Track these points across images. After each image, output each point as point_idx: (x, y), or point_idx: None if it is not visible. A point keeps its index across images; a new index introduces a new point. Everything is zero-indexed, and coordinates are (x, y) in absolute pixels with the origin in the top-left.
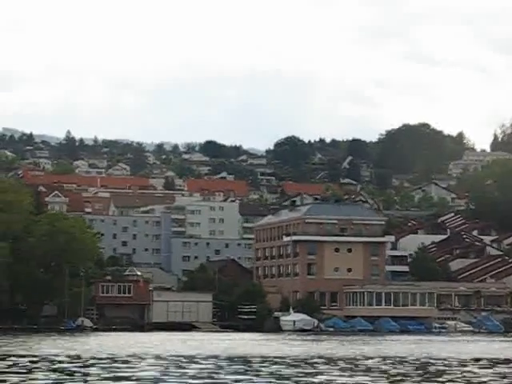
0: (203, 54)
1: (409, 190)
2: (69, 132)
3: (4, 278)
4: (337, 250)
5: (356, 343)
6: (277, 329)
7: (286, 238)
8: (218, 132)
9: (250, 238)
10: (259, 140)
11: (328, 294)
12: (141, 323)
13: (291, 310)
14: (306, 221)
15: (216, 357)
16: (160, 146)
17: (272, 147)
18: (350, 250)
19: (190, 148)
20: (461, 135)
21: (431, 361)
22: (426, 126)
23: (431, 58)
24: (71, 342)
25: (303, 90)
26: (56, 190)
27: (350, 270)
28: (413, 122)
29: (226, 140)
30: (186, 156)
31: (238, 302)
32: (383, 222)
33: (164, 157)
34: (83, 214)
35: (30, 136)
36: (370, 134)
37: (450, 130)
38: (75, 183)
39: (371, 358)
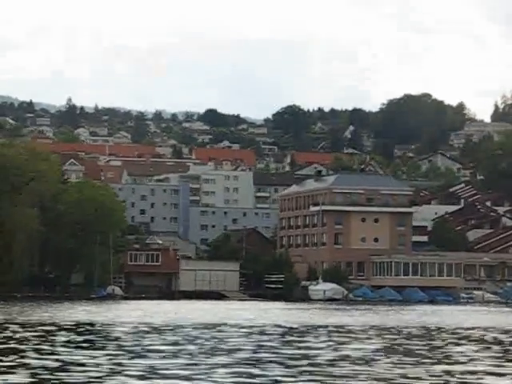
0: (196, 21)
1: (415, 161)
2: (70, 100)
3: (34, 247)
4: (363, 220)
5: (401, 313)
6: (305, 298)
7: (312, 208)
8: (212, 100)
9: (263, 208)
10: (255, 109)
11: (355, 263)
12: (168, 292)
13: (320, 279)
14: (334, 191)
15: (280, 326)
16: (158, 115)
17: (270, 116)
18: (376, 220)
19: (189, 116)
20: (461, 105)
21: None
22: (427, 96)
23: (429, 27)
24: (112, 309)
25: (297, 59)
26: (72, 158)
27: (376, 240)
28: (414, 92)
29: (222, 109)
30: (186, 124)
31: (265, 271)
32: (410, 193)
33: (164, 125)
34: (99, 182)
35: (30, 103)
36: (368, 103)
37: (450, 100)
38: (83, 151)
39: (463, 329)
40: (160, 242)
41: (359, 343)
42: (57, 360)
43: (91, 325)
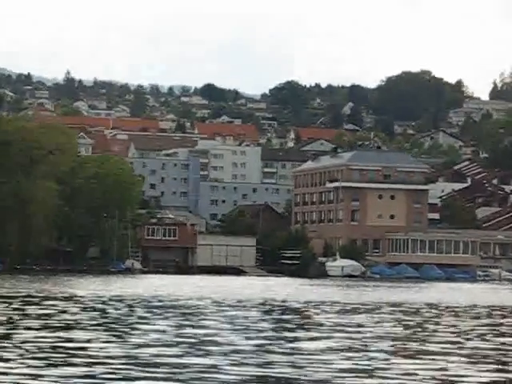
0: None
1: (417, 138)
2: (68, 73)
3: (52, 220)
4: (380, 196)
5: (423, 291)
6: (322, 274)
7: (329, 184)
8: (207, 74)
9: (272, 183)
10: (251, 84)
11: (370, 240)
12: (184, 266)
13: (338, 255)
14: (350, 167)
15: (310, 302)
16: (155, 88)
17: (267, 91)
18: (393, 197)
19: (185, 91)
20: (460, 83)
21: None
22: (426, 73)
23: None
24: (136, 282)
25: (293, 34)
26: (81, 132)
27: (392, 217)
28: (414, 68)
29: (217, 83)
30: (184, 99)
31: (281, 246)
32: (426, 170)
33: (163, 99)
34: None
35: (28, 76)
36: (365, 80)
37: (448, 77)
38: (88, 125)
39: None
40: (171, 216)
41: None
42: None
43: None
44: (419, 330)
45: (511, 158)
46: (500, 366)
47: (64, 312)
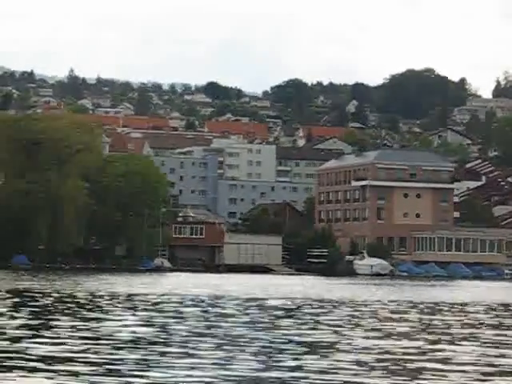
0: None
1: (425, 136)
2: (72, 70)
3: (81, 219)
4: (406, 195)
5: (459, 289)
6: (349, 273)
7: (355, 183)
8: (205, 73)
9: (287, 181)
10: (250, 82)
11: (397, 238)
12: (211, 265)
13: (365, 254)
14: (377, 166)
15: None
16: (156, 87)
17: (268, 89)
18: (418, 196)
19: (187, 89)
20: (463, 81)
21: None
22: (430, 71)
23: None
24: (176, 281)
25: (292, 32)
26: None
27: (418, 216)
28: (417, 66)
29: (216, 80)
30: (187, 97)
31: (307, 245)
32: (452, 169)
33: (166, 97)
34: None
35: (31, 73)
36: (367, 77)
37: (451, 75)
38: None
39: None
40: (193, 214)
41: None
42: None
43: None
44: None
45: None
46: None
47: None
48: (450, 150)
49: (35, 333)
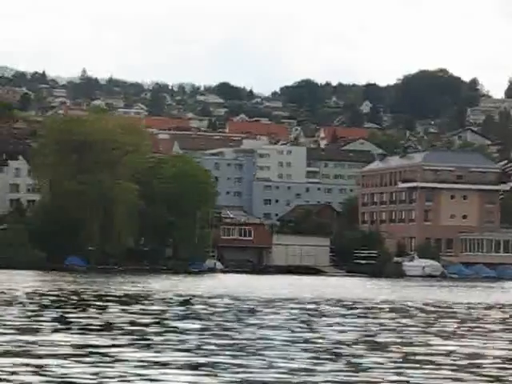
0: None
1: (446, 136)
2: (84, 71)
3: (133, 220)
4: (452, 197)
5: None
6: (398, 274)
7: (402, 184)
8: (209, 73)
9: (320, 183)
10: (259, 82)
11: (443, 240)
12: (259, 266)
13: (415, 255)
14: (424, 168)
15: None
16: (165, 86)
17: (276, 89)
18: (465, 198)
19: (194, 89)
20: (475, 81)
21: None
22: (443, 71)
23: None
24: (238, 282)
25: (300, 32)
26: None
27: (465, 217)
28: (429, 67)
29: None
30: (200, 97)
31: (354, 246)
32: (498, 170)
33: (178, 98)
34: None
35: (43, 74)
36: (378, 78)
37: (464, 75)
38: None
39: None
40: (232, 216)
41: None
42: None
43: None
44: None
45: None
46: None
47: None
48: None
49: None
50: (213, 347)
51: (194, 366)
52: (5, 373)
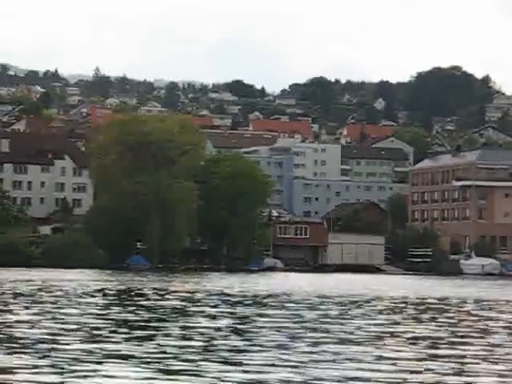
0: None
1: (467, 133)
2: (97, 69)
3: (192, 219)
4: (507, 195)
5: None
6: (455, 272)
7: (456, 183)
8: (211, 72)
9: (354, 181)
10: (268, 80)
11: (498, 238)
12: (314, 265)
13: (473, 253)
14: (478, 166)
15: None
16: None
17: (286, 87)
18: None
19: (203, 87)
20: (487, 78)
21: None
22: (456, 68)
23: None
24: (310, 280)
25: (293, 30)
26: None
27: None
28: (444, 64)
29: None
30: (212, 95)
31: (409, 244)
32: None
33: (191, 95)
34: None
35: (56, 73)
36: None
37: (477, 73)
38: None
39: None
40: (277, 214)
41: None
42: None
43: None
44: None
45: None
46: None
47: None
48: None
49: None
50: None
51: None
52: None
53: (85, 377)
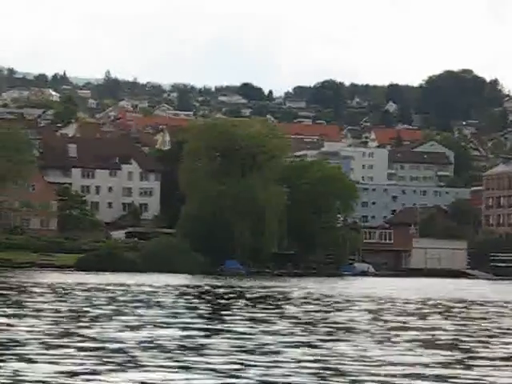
0: None
1: (491, 137)
2: (108, 72)
3: (282, 223)
4: None
5: None
6: None
7: None
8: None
9: (394, 184)
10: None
11: None
12: (398, 269)
13: None
14: None
15: None
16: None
17: (290, 90)
18: None
19: (206, 89)
20: (496, 81)
21: None
22: (467, 71)
23: None
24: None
25: (293, 31)
26: None
27: None
28: (456, 68)
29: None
30: (222, 98)
31: (491, 249)
32: None
33: (201, 98)
34: None
35: (64, 75)
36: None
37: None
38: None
39: None
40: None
41: None
42: None
43: None
44: None
45: None
46: None
47: None
48: None
49: None
50: None
51: None
52: None
53: None
